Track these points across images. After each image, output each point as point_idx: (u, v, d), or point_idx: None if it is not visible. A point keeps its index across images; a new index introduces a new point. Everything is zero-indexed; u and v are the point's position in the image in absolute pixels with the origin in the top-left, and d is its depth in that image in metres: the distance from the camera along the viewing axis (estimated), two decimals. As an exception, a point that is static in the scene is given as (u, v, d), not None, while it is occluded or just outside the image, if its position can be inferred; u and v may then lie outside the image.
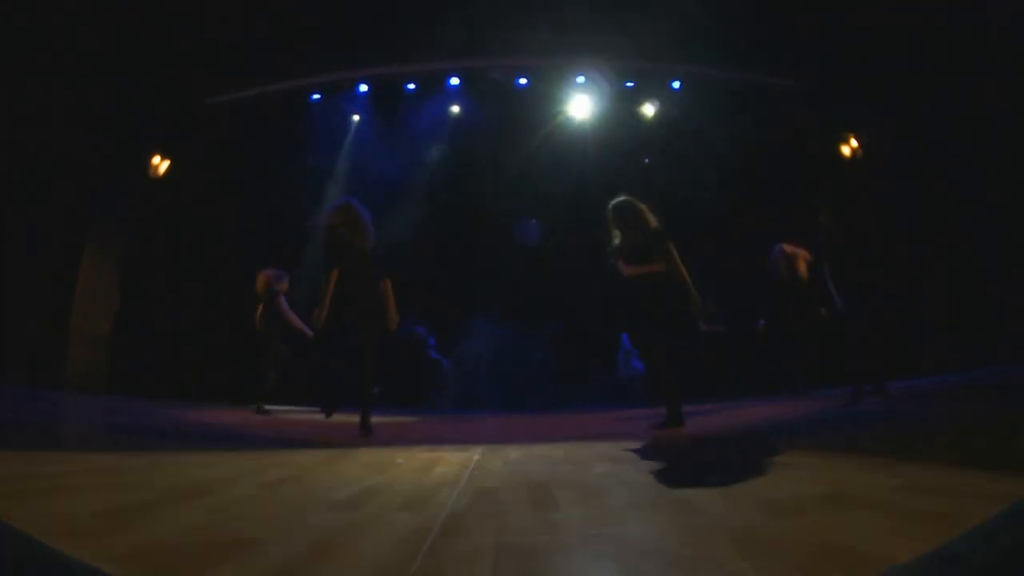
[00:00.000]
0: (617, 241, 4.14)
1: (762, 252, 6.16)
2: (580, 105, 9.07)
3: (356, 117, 9.51)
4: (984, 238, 6.28)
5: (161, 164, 8.41)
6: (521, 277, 8.93)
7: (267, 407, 6.00)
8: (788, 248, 5.78)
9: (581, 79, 8.80)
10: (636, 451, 3.00)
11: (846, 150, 7.88)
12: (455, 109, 9.31)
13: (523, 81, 8.86)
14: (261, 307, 6.26)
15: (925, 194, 6.88)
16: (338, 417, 4.85)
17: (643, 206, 4.16)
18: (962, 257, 6.53)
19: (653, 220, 4.16)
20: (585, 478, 2.26)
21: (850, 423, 3.57)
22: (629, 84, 8.95)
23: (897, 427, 3.13)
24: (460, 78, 8.94)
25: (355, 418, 4.17)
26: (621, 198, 4.21)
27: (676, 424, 3.86)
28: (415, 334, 8.46)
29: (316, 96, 9.08)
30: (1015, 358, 5.32)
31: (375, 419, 4.22)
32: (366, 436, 3.98)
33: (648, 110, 9.21)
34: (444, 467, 2.67)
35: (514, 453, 3.15)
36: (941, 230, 6.77)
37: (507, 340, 8.92)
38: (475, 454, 3.06)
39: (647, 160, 9.59)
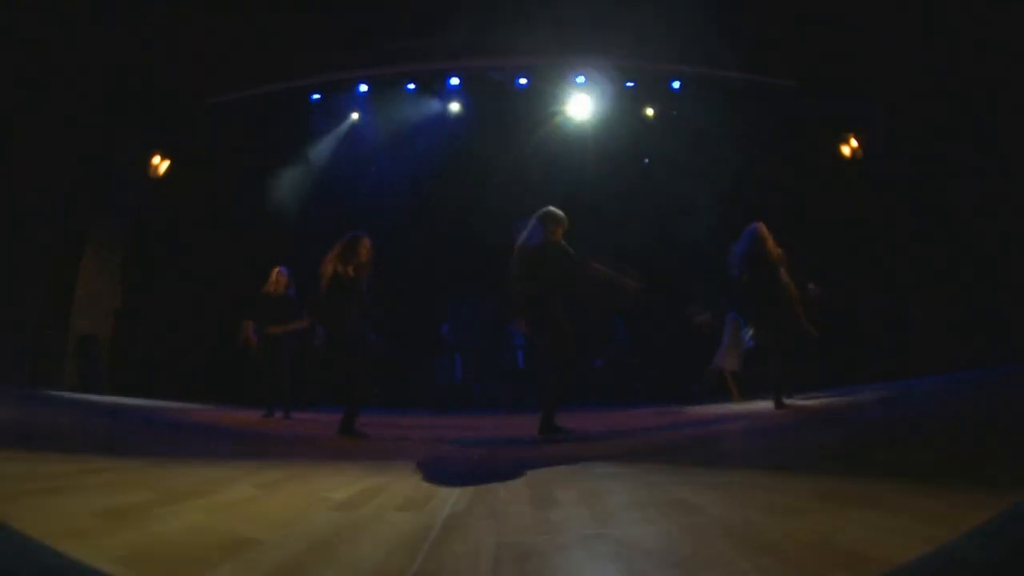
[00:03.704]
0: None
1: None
2: (580, 105, 9.07)
3: (355, 116, 9.51)
4: (983, 238, 6.28)
5: (161, 164, 8.41)
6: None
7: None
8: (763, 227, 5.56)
9: (581, 79, 8.79)
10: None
11: (846, 150, 7.89)
12: (455, 109, 9.30)
13: (523, 81, 8.86)
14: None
15: (924, 194, 6.88)
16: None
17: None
18: (961, 257, 6.53)
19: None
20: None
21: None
22: (629, 84, 8.95)
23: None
24: (460, 78, 8.94)
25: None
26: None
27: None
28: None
29: (316, 96, 9.08)
30: (1009, 359, 5.32)
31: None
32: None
33: (648, 110, 9.21)
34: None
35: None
36: (939, 230, 6.77)
37: (501, 338, 8.91)
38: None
39: (647, 160, 9.59)
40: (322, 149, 9.45)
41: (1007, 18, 5.47)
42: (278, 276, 6.11)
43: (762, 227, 4.91)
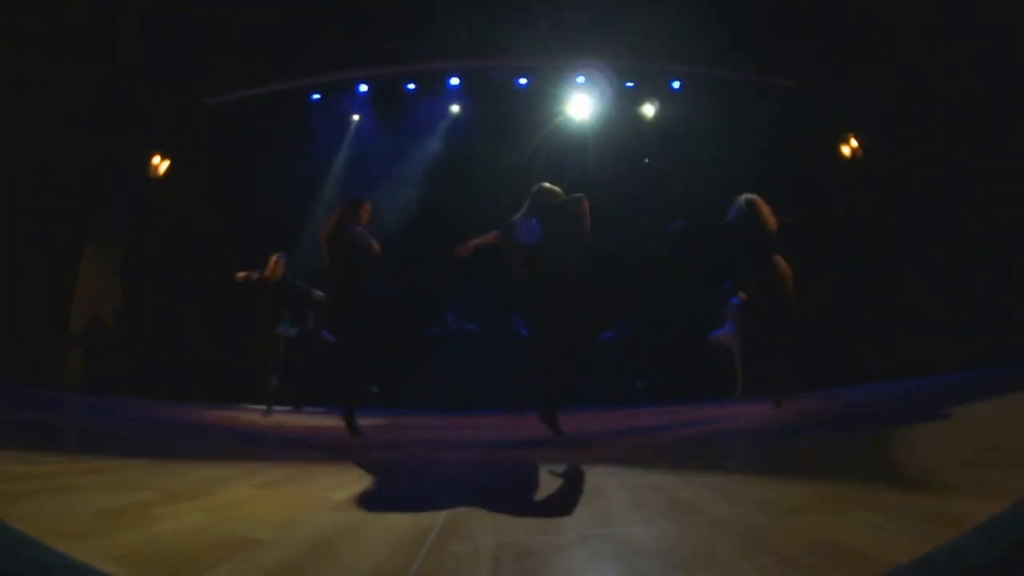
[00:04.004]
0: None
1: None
2: (580, 105, 9.07)
3: (356, 117, 9.51)
4: (983, 238, 6.28)
5: (161, 164, 8.41)
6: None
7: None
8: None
9: (581, 79, 8.80)
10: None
11: (846, 150, 7.89)
12: (455, 109, 9.30)
13: (523, 81, 8.86)
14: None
15: (924, 194, 6.88)
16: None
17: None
18: (961, 257, 6.53)
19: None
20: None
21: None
22: (629, 84, 8.95)
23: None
24: (460, 78, 8.94)
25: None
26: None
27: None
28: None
29: (316, 96, 9.07)
30: (1010, 359, 5.32)
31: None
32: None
33: (648, 110, 9.20)
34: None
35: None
36: (939, 229, 6.77)
37: (502, 338, 8.89)
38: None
39: (647, 160, 9.59)
40: (336, 158, 9.46)
41: (1007, 17, 5.47)
42: (276, 262, 6.14)
43: (759, 199, 4.66)
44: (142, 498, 1.75)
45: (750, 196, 4.70)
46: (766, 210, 4.63)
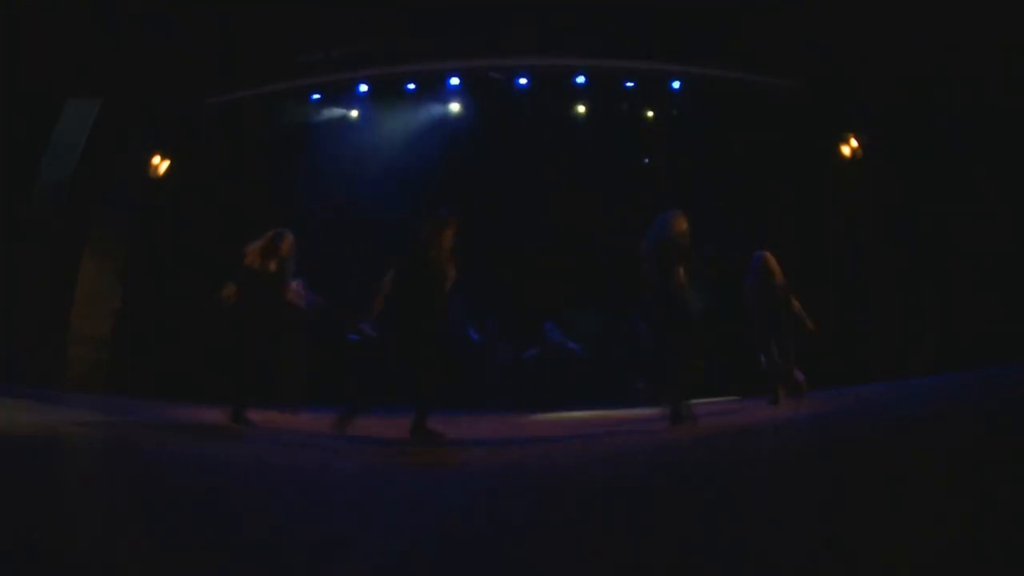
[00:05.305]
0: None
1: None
2: (579, 105, 9.08)
3: (355, 113, 9.48)
4: (983, 238, 6.28)
5: (161, 164, 8.40)
6: (519, 277, 8.85)
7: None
8: (769, 256, 5.54)
9: (581, 79, 8.79)
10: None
11: (846, 150, 7.87)
12: (455, 109, 9.28)
13: (523, 81, 8.85)
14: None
15: (923, 194, 6.88)
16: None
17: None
18: (960, 257, 6.52)
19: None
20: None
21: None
22: (629, 84, 8.93)
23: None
24: (460, 78, 8.92)
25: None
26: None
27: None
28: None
29: (316, 96, 9.07)
30: (1010, 358, 5.31)
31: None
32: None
33: (648, 110, 9.19)
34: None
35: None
36: (939, 230, 6.77)
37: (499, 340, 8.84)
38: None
39: (647, 160, 9.58)
40: (335, 158, 9.42)
41: (1006, 19, 5.47)
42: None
43: (677, 216, 4.55)
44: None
45: (669, 214, 4.61)
46: (678, 226, 4.61)
